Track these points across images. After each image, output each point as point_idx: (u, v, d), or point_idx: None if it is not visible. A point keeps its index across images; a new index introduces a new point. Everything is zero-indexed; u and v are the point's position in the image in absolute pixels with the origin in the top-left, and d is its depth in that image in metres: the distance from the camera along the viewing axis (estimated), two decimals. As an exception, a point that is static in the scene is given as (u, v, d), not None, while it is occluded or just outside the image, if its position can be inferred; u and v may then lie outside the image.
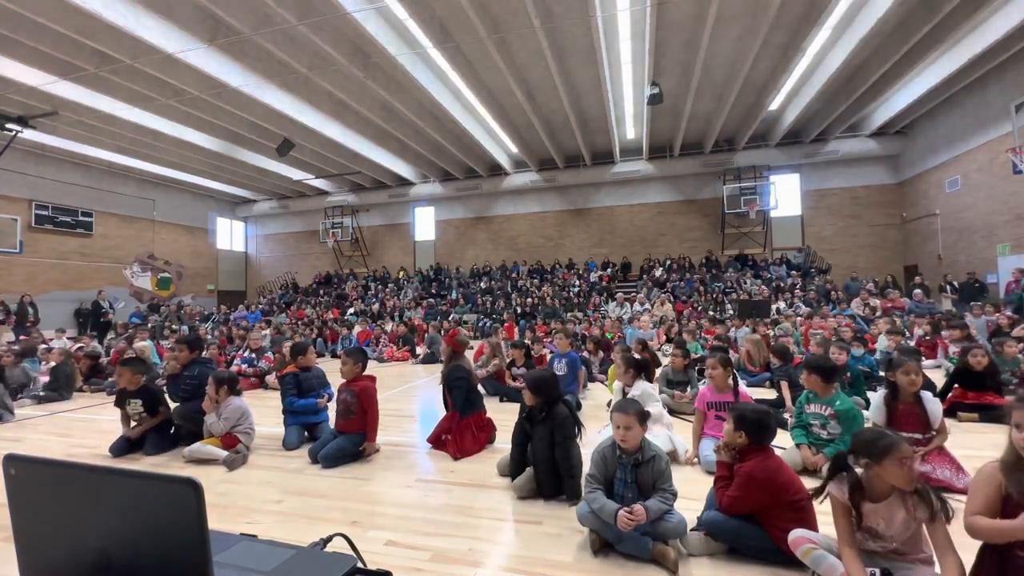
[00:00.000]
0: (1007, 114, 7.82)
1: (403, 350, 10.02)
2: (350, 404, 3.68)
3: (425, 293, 18.40)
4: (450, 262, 21.24)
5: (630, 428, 2.30)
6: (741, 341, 7.57)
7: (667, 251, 18.53)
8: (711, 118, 14.92)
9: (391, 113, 14.08)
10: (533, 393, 2.95)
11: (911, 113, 14.46)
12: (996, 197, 12.20)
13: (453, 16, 9.75)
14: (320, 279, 21.89)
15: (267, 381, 6.86)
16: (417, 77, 11.45)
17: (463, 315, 15.81)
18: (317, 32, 9.58)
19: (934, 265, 14.78)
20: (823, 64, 11.79)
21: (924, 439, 2.98)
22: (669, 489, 2.24)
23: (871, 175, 17.04)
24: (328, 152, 16.19)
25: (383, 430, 4.10)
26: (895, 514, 1.79)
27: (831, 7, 9.12)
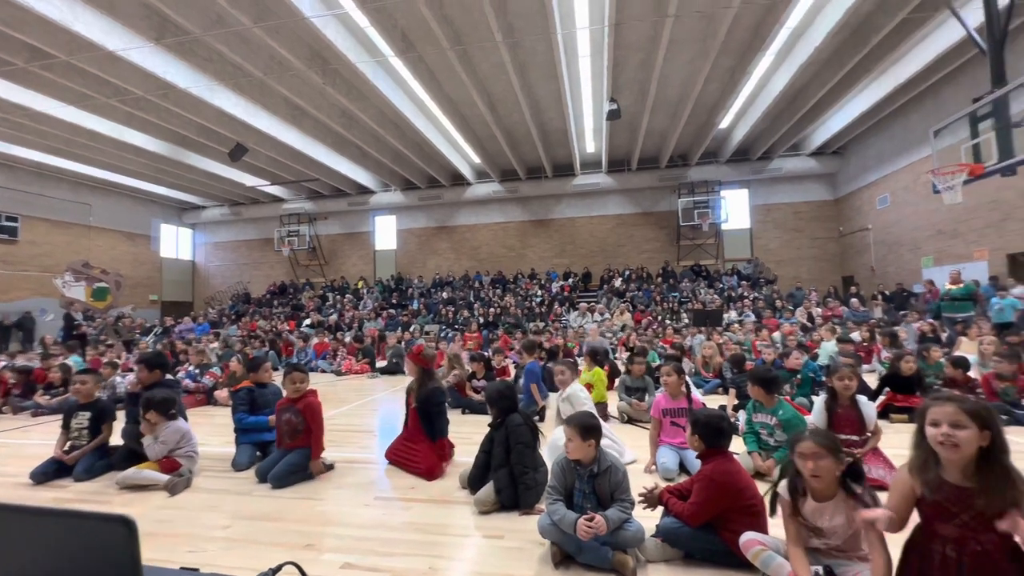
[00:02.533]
0: (927, 139, 8.57)
1: (362, 362, 9.75)
2: (295, 423, 3.53)
3: (386, 303, 18.03)
4: (411, 272, 20.96)
5: (571, 440, 2.34)
6: (697, 349, 7.86)
7: (626, 262, 19.02)
8: (666, 134, 15.53)
9: (351, 120, 13.84)
10: (490, 405, 3.09)
11: (846, 135, 15.60)
12: (920, 214, 13.31)
13: (415, 26, 9.75)
14: (274, 289, 21.04)
15: (216, 397, 6.49)
16: (378, 85, 11.33)
17: (424, 325, 15.59)
18: (273, 36, 9.32)
19: (868, 276, 15.91)
20: (767, 87, 12.56)
21: (860, 440, 3.18)
22: (627, 498, 2.28)
23: (812, 192, 18.21)
24: (284, 158, 15.69)
25: (339, 447, 3.97)
26: (837, 513, 1.90)
27: (773, 35, 9.74)
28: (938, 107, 11.94)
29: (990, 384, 4.55)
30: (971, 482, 1.62)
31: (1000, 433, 1.62)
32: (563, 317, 14.83)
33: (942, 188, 7.66)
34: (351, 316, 16.14)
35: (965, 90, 10.42)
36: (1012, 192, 10.29)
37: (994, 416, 1.63)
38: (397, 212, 21.53)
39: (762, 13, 9.48)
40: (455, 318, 15.42)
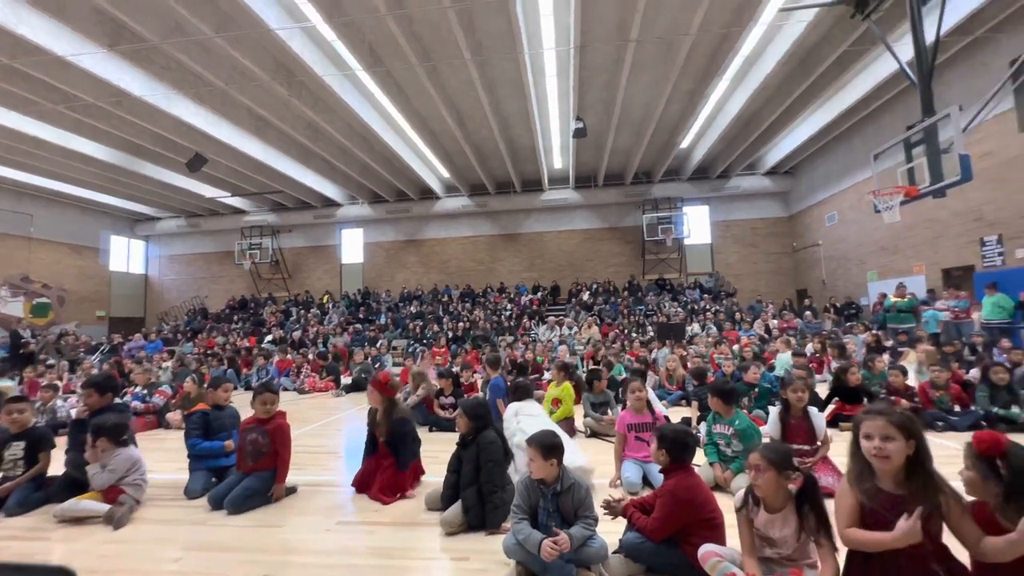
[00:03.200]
0: (868, 161, 9.19)
1: (327, 380, 9.49)
2: (260, 444, 3.39)
3: (352, 318, 17.66)
4: (379, 286, 20.65)
5: (533, 460, 2.37)
6: (662, 362, 8.05)
7: (593, 275, 19.37)
8: (630, 152, 16.03)
9: (317, 132, 13.65)
10: (469, 419, 3.02)
11: (796, 156, 16.52)
12: (864, 231, 14.18)
13: (383, 42, 9.77)
14: (234, 304, 20.28)
15: (168, 420, 6.16)
16: (345, 98, 11.26)
17: (392, 340, 15.34)
18: (236, 46, 9.15)
19: (820, 289, 16.76)
20: (724, 110, 13.19)
21: (811, 450, 3.34)
22: (591, 515, 2.32)
23: (767, 209, 19.13)
24: (246, 169, 15.27)
25: (300, 469, 3.85)
26: (786, 524, 1.99)
27: (728, 61, 10.28)
28: (878, 132, 12.83)
29: (926, 392, 4.87)
30: (903, 489, 1.74)
31: (924, 442, 1.75)
32: (532, 331, 14.91)
33: (882, 208, 8.20)
34: (316, 331, 15.72)
35: (901, 117, 11.26)
36: (944, 212, 11.13)
37: (918, 427, 1.77)
38: (365, 225, 21.25)
39: (718, 41, 10.00)
40: (423, 333, 15.25)
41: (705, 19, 8.86)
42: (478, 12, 9.07)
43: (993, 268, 10.11)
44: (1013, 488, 1.60)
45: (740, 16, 9.00)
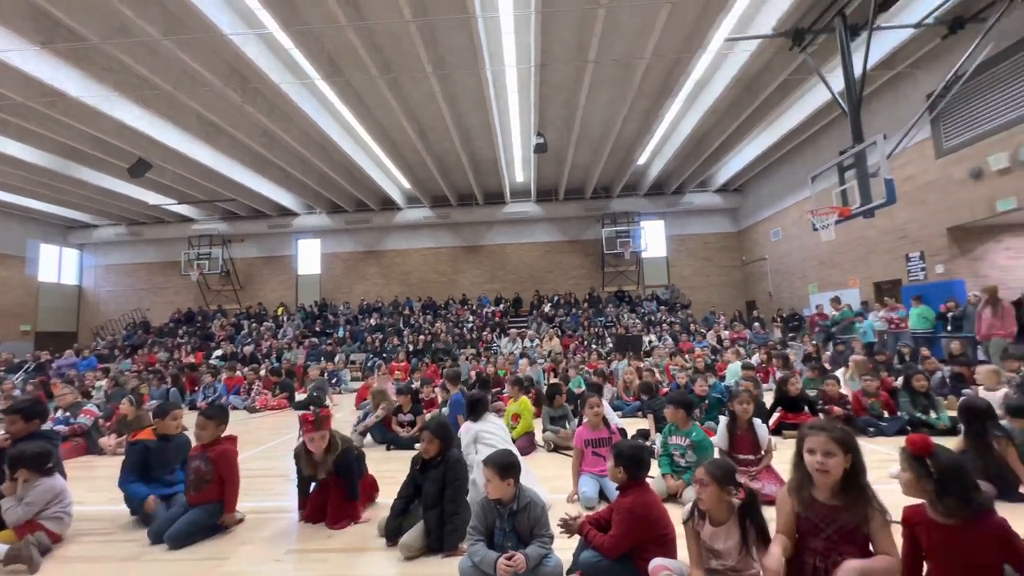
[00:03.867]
0: (807, 182, 9.87)
1: (279, 397, 9.10)
2: (203, 472, 3.19)
3: (308, 331, 17.08)
4: (337, 297, 20.12)
5: (490, 481, 2.38)
6: (620, 374, 8.23)
7: (555, 288, 19.63)
8: (590, 168, 16.45)
9: (272, 140, 13.25)
10: (438, 440, 2.92)
11: (744, 175, 17.46)
12: (805, 247, 15.11)
13: (343, 51, 9.66)
14: (179, 317, 19.19)
15: (101, 445, 5.71)
16: (303, 107, 11.02)
17: (350, 354, 14.94)
18: (186, 49, 8.80)
19: (767, 301, 17.67)
20: (678, 129, 13.81)
21: (756, 459, 3.51)
22: (546, 534, 2.34)
23: (718, 224, 20.06)
24: (195, 176, 14.59)
25: (248, 495, 3.67)
26: (730, 537, 2.08)
27: (680, 84, 10.81)
28: (816, 155, 13.78)
29: (859, 400, 5.23)
30: (837, 500, 1.87)
31: (859, 456, 1.89)
32: (494, 344, 14.90)
33: (819, 227, 8.80)
34: (269, 346, 15.09)
35: (836, 142, 12.15)
36: (874, 231, 12.06)
37: (855, 442, 1.90)
38: (322, 235, 20.70)
39: (670, 65, 10.49)
40: (383, 346, 14.94)
41: (658, 44, 9.30)
42: (440, 27, 9.15)
43: (917, 282, 11.00)
44: (942, 484, 1.75)
45: (690, 43, 9.50)
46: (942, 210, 10.29)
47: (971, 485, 1.74)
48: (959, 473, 1.74)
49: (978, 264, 10.25)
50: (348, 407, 8.74)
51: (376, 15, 8.59)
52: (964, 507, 1.70)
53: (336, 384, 11.12)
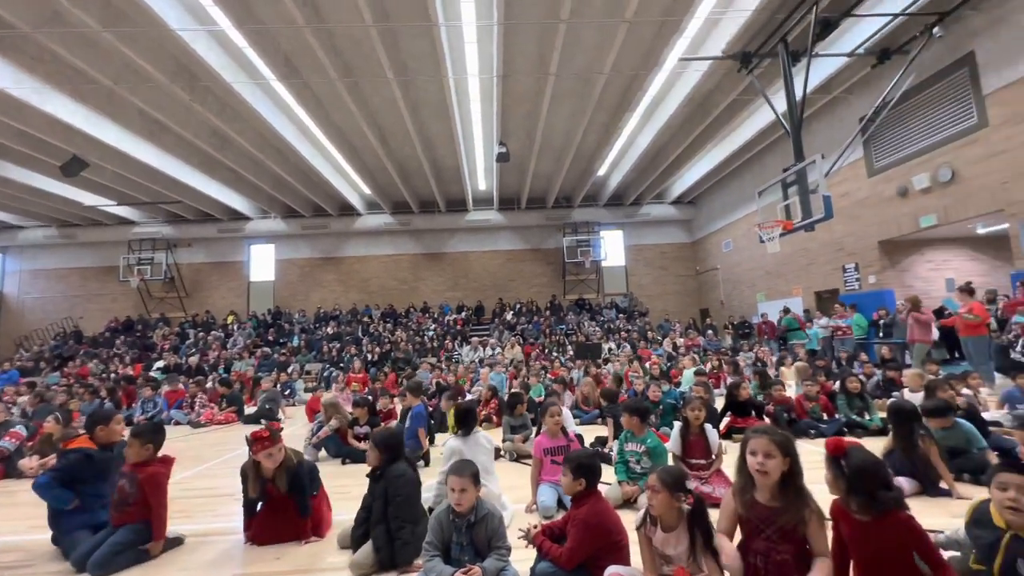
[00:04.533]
0: (755, 197, 10.43)
1: (227, 411, 8.64)
2: (128, 494, 2.95)
3: (260, 340, 16.35)
4: (292, 305, 19.40)
5: (465, 491, 2.34)
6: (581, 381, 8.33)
7: (517, 295, 19.73)
8: (552, 177, 16.71)
9: (224, 141, 12.70)
10: (379, 451, 2.87)
11: (697, 188, 18.22)
12: (754, 257, 15.91)
13: (300, 53, 9.42)
14: (117, 326, 17.94)
15: (21, 467, 5.22)
16: (257, 107, 10.64)
17: (305, 364, 14.41)
18: (128, 42, 8.32)
19: (719, 309, 18.44)
20: (635, 143, 14.27)
21: (707, 464, 3.64)
22: (504, 546, 2.33)
23: (674, 235, 20.82)
24: (137, 176, 13.74)
25: (187, 517, 3.46)
26: (680, 542, 2.14)
27: (638, 100, 11.19)
28: (763, 171, 14.57)
29: (801, 404, 5.53)
30: (776, 502, 1.96)
31: (797, 459, 1.99)
32: (454, 352, 14.77)
33: (765, 239, 9.30)
34: (216, 356, 14.33)
35: (780, 159, 12.89)
36: (815, 243, 12.86)
37: (794, 445, 2.00)
38: (277, 241, 19.96)
39: (628, 81, 10.85)
40: (340, 355, 14.50)
41: (617, 61, 9.61)
42: (402, 33, 9.09)
43: (853, 291, 11.79)
44: (852, 482, 1.87)
45: (647, 61, 9.87)
46: (874, 225, 11.12)
47: (879, 484, 1.87)
48: (867, 473, 1.87)
49: (905, 275, 11.11)
50: (302, 420, 8.41)
51: (336, 18, 8.43)
52: (871, 504, 1.83)
53: (290, 396, 10.69)
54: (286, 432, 6.99)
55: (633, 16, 8.25)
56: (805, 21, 8.17)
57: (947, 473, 3.38)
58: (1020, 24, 7.84)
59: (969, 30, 8.61)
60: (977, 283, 8.49)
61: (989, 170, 8.53)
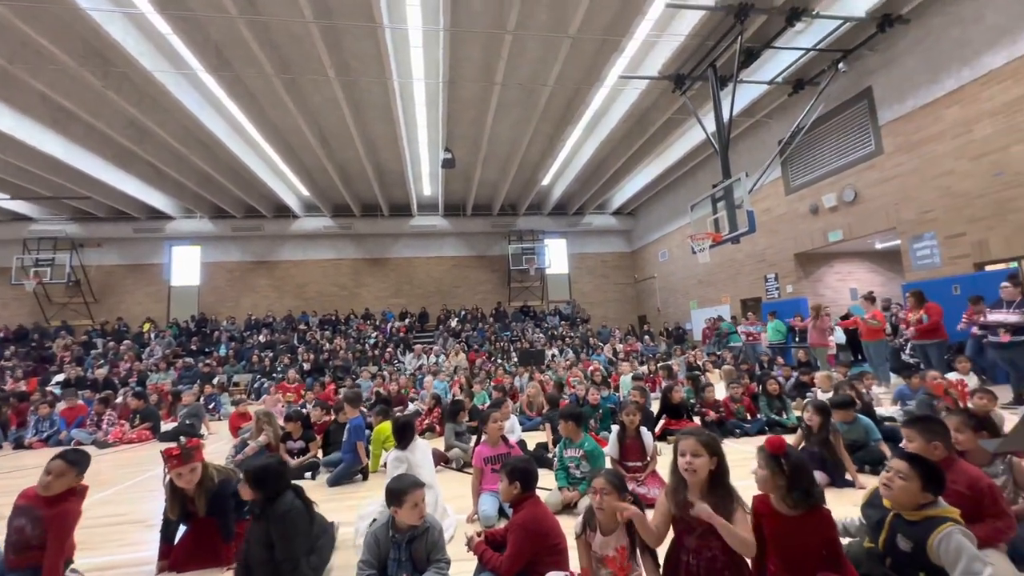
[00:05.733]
0: (688, 210, 11.07)
1: (141, 428, 7.87)
2: (30, 536, 2.51)
3: (182, 350, 15.10)
4: (220, 312, 18.09)
5: (419, 504, 2.28)
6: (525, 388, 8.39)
7: (462, 302, 19.61)
8: (497, 185, 16.84)
9: (143, 133, 11.69)
10: (251, 487, 2.37)
11: (636, 200, 19.06)
12: (688, 267, 16.85)
13: (233, 45, 8.90)
14: (7, 334, 15.86)
15: None
16: (183, 99, 9.91)
17: (233, 375, 13.47)
18: (27, 19, 7.48)
19: (656, 316, 19.33)
20: (578, 155, 14.70)
21: (643, 465, 3.78)
22: (443, 559, 2.28)
23: (614, 244, 21.62)
24: (37, 168, 12.31)
25: (92, 549, 3.11)
26: (620, 543, 2.20)
27: (580, 113, 11.55)
28: (695, 185, 15.51)
29: (728, 405, 5.90)
30: (705, 500, 2.06)
31: (723, 459, 2.10)
32: (396, 360, 14.41)
33: (697, 250, 9.88)
34: (129, 368, 13.05)
35: (711, 176, 13.79)
36: (741, 254, 13.83)
37: (719, 445, 2.12)
38: (203, 242, 18.58)
39: (571, 94, 11.19)
40: (273, 365, 13.69)
41: (561, 74, 9.88)
42: (345, 32, 8.83)
43: (773, 299, 12.79)
44: (792, 479, 2.00)
45: (589, 76, 10.23)
46: (790, 238, 12.14)
47: (812, 480, 2.04)
48: (804, 470, 2.04)
49: (817, 285, 12.21)
50: (227, 435, 7.84)
51: (273, 11, 8.06)
52: (807, 500, 1.98)
53: (215, 410, 9.94)
54: (210, 449, 6.50)
55: (576, 32, 8.54)
56: (732, 49, 8.84)
57: (851, 465, 3.73)
58: (908, 65, 8.93)
59: (868, 68, 9.68)
60: (876, 292, 9.50)
61: (884, 192, 9.60)
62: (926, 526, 1.92)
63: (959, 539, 1.82)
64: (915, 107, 8.84)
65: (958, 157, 8.21)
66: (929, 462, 2.04)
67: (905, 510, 2.02)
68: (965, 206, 8.18)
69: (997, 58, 7.53)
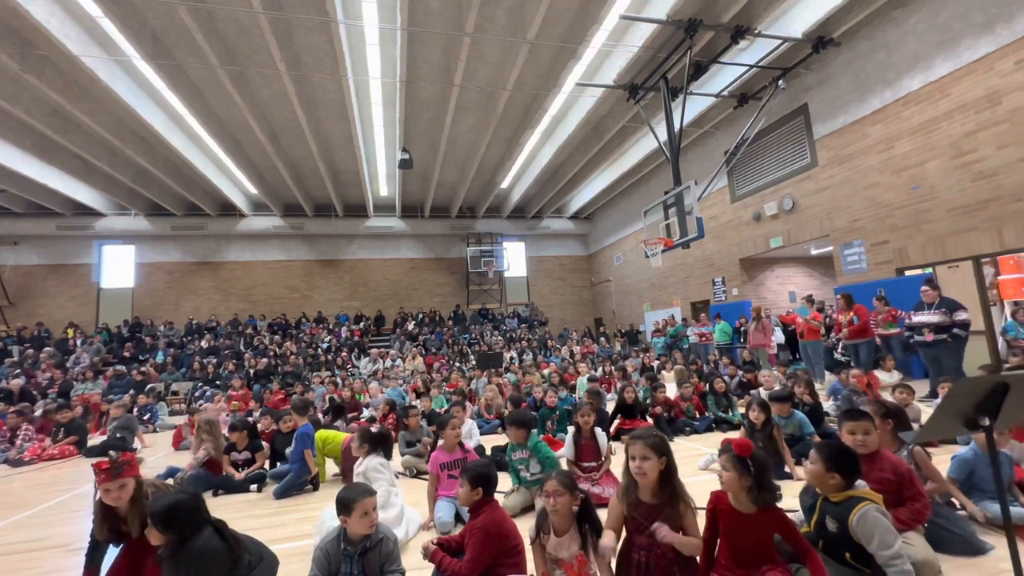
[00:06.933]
0: (641, 216, 11.43)
1: (63, 443, 7.22)
2: None
3: (114, 357, 14.01)
4: (157, 316, 16.92)
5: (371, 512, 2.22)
6: (482, 391, 8.36)
7: (420, 305, 19.32)
8: (456, 187, 16.74)
9: (68, 122, 10.79)
10: (160, 528, 2.07)
11: (593, 205, 19.49)
12: (641, 271, 17.38)
13: (173, 32, 8.39)
14: (-99, 343, 14.16)
15: None
16: (115, 87, 9.23)
17: (172, 383, 12.62)
18: (-70, -7, 6.73)
19: (611, 318, 19.80)
20: (536, 159, 14.85)
21: (598, 465, 3.85)
22: (397, 569, 2.23)
23: (572, 248, 21.99)
24: (-61, 157, 11.08)
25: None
26: (572, 543, 2.23)
27: (539, 117, 11.69)
28: (648, 192, 16.04)
29: (679, 404, 6.13)
30: (656, 499, 2.13)
31: (671, 457, 2.17)
32: (348, 365, 13.99)
33: (650, 254, 10.21)
34: (49, 378, 11.96)
35: (663, 183, 14.29)
36: (691, 259, 14.43)
37: (667, 445, 2.19)
38: (138, 242, 17.34)
39: (529, 99, 11.31)
40: (217, 372, 12.95)
41: (519, 79, 9.96)
42: (297, 25, 8.52)
43: (720, 302, 13.41)
44: (760, 479, 2.09)
45: (547, 82, 10.37)
46: (736, 244, 12.79)
47: (771, 478, 2.15)
48: (768, 469, 2.14)
49: (760, 288, 12.92)
50: (165, 447, 7.35)
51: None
52: (773, 496, 2.09)
53: (150, 421, 9.27)
54: (148, 463, 6.07)
55: (534, 38, 8.63)
56: (682, 62, 9.22)
57: (790, 458, 3.96)
58: (839, 85, 9.64)
59: (804, 86, 10.37)
60: (814, 295, 10.17)
61: (819, 202, 10.30)
62: (847, 506, 2.10)
63: (873, 515, 2.01)
64: (845, 124, 9.55)
65: (882, 171, 8.94)
66: (832, 448, 2.22)
67: (829, 493, 2.18)
68: (888, 216, 8.91)
69: (915, 81, 8.27)
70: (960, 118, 7.68)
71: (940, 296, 6.47)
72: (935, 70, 7.96)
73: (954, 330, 6.22)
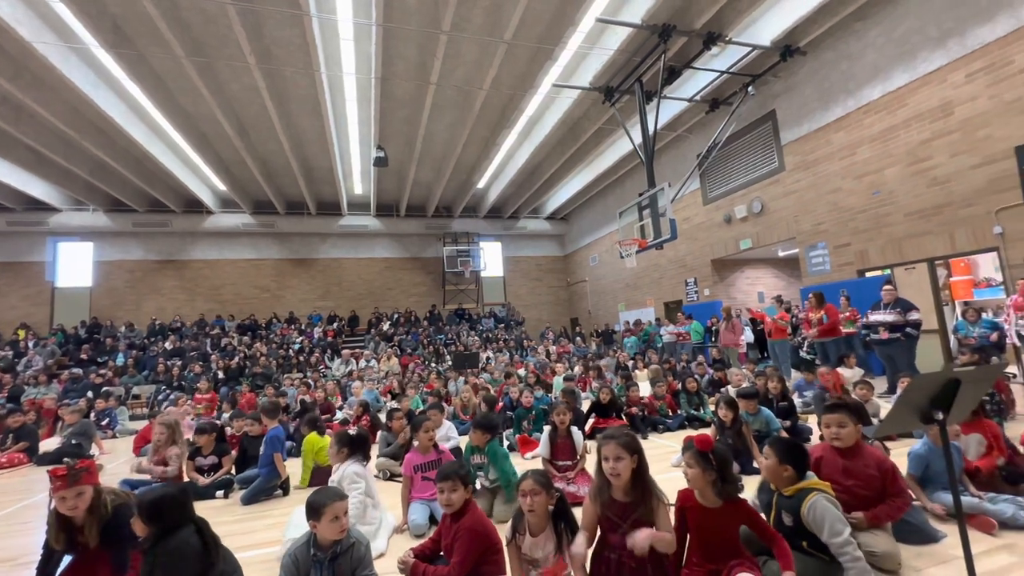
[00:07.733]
0: (616, 217, 11.59)
1: (12, 451, 6.83)
2: None
3: (70, 360, 13.34)
4: (117, 316, 16.20)
5: (342, 516, 2.16)
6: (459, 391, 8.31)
7: (395, 305, 19.08)
8: (432, 186, 16.59)
9: (20, 112, 10.24)
10: (146, 521, 2.08)
11: (569, 206, 19.63)
12: (616, 271, 17.61)
13: (135, 20, 8.05)
14: None
15: None
16: (71, 76, 8.78)
17: (134, 386, 12.11)
18: None
19: (587, 318, 19.99)
20: (513, 159, 14.87)
21: (573, 464, 3.88)
22: (370, 574, 2.19)
23: (548, 248, 22.10)
24: None
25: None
26: (548, 543, 2.23)
27: (516, 118, 11.70)
28: (624, 193, 16.25)
29: (652, 403, 6.23)
30: (629, 498, 2.15)
31: (643, 457, 2.20)
32: (320, 366, 13.71)
33: (624, 255, 10.36)
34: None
35: (638, 185, 14.51)
36: (664, 260, 14.70)
37: (638, 443, 2.22)
38: (97, 239, 16.57)
39: (506, 99, 11.30)
40: (182, 374, 12.48)
41: (496, 79, 9.95)
42: (268, 17, 8.28)
43: (692, 302, 13.70)
44: (723, 472, 2.13)
45: (523, 82, 10.39)
46: (707, 245, 13.09)
47: (732, 470, 2.20)
48: (731, 462, 2.19)
49: (731, 289, 13.26)
50: (125, 454, 7.03)
51: (183, -13, 7.38)
52: (733, 490, 2.13)
53: (109, 426, 8.86)
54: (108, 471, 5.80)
55: (511, 38, 8.64)
56: (656, 66, 9.38)
57: (758, 454, 4.06)
58: (805, 93, 9.99)
59: (773, 92, 10.70)
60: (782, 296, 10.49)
61: (786, 205, 10.65)
62: (799, 498, 2.19)
63: (823, 504, 2.11)
64: (810, 130, 9.90)
65: (844, 176, 9.31)
66: (784, 442, 2.34)
67: (782, 487, 2.26)
68: (850, 219, 9.28)
69: (874, 91, 8.64)
70: (916, 127, 8.07)
71: (896, 296, 6.78)
72: (893, 81, 8.34)
73: (907, 329, 6.53)
